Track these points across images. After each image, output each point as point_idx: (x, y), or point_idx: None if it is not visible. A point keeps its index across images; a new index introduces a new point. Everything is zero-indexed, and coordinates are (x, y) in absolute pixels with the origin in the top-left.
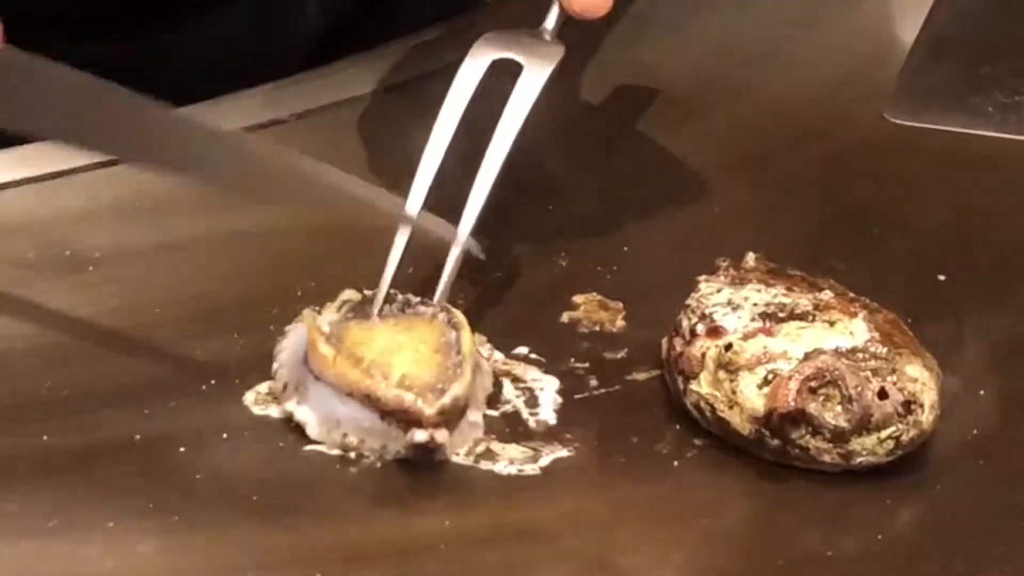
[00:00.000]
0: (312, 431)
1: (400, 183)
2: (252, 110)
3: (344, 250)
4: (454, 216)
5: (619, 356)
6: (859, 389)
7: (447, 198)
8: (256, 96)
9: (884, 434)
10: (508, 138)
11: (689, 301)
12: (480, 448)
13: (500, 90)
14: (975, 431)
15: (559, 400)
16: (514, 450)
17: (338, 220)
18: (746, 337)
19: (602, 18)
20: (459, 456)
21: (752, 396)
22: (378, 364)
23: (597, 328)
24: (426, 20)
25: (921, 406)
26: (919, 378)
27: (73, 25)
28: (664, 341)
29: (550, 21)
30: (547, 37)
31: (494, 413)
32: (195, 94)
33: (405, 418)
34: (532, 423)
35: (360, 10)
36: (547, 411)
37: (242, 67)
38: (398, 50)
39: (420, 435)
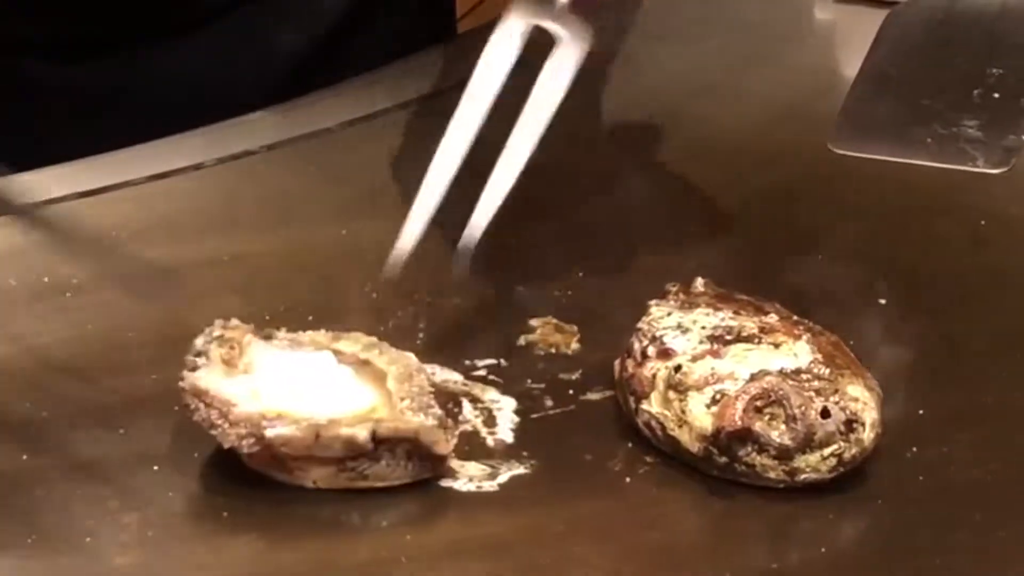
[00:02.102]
0: None
1: (363, 213)
2: (224, 141)
3: (311, 275)
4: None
5: (574, 377)
6: (803, 408)
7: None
8: (228, 128)
9: (827, 452)
10: (541, 122)
11: (640, 324)
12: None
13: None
14: (914, 449)
15: (516, 419)
16: (473, 467)
17: (304, 247)
18: (695, 359)
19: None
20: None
21: (701, 415)
22: None
23: (553, 350)
24: (392, 55)
25: (862, 425)
26: (860, 398)
27: (47, 52)
28: (617, 363)
29: None
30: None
31: (456, 436)
32: (167, 125)
33: None
34: (490, 442)
35: (329, 44)
36: (505, 430)
37: (214, 99)
38: (365, 84)
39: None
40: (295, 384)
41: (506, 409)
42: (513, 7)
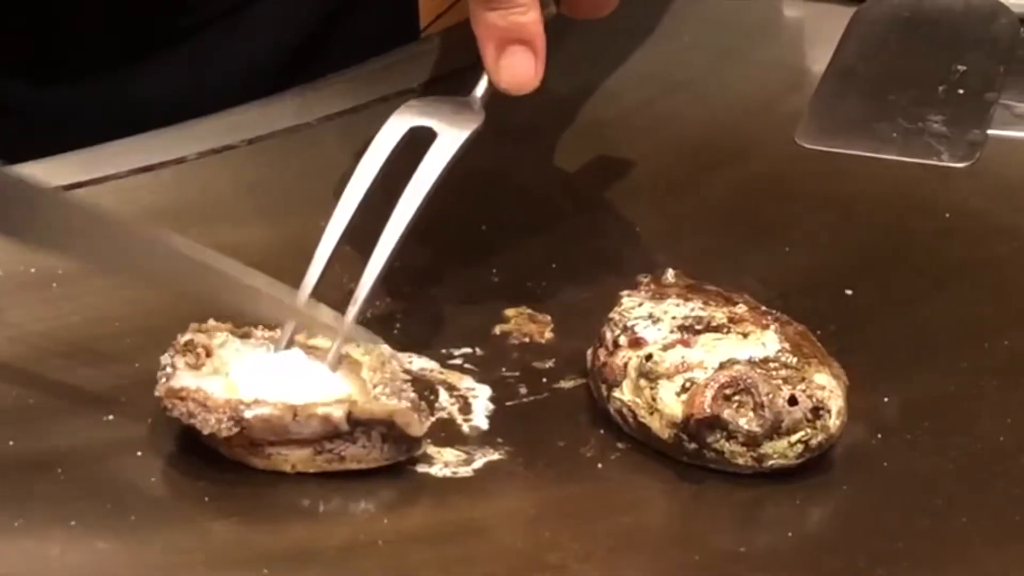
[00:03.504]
0: None
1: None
2: (206, 136)
3: (291, 266)
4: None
5: (547, 366)
6: (771, 396)
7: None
8: (210, 123)
9: (794, 438)
10: (412, 206)
11: (612, 314)
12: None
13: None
14: (879, 435)
15: (491, 407)
16: (449, 453)
17: (285, 239)
18: (665, 348)
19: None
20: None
21: (671, 403)
22: None
23: (527, 340)
24: (366, 53)
25: (828, 412)
26: (827, 386)
27: (17, 72)
28: (589, 352)
29: (479, 89)
30: (472, 105)
31: (431, 419)
32: (145, 127)
33: None
34: (466, 428)
35: (297, 53)
36: (480, 417)
37: (189, 102)
38: (344, 80)
39: None
40: (270, 378)
41: (481, 397)
42: (398, 111)
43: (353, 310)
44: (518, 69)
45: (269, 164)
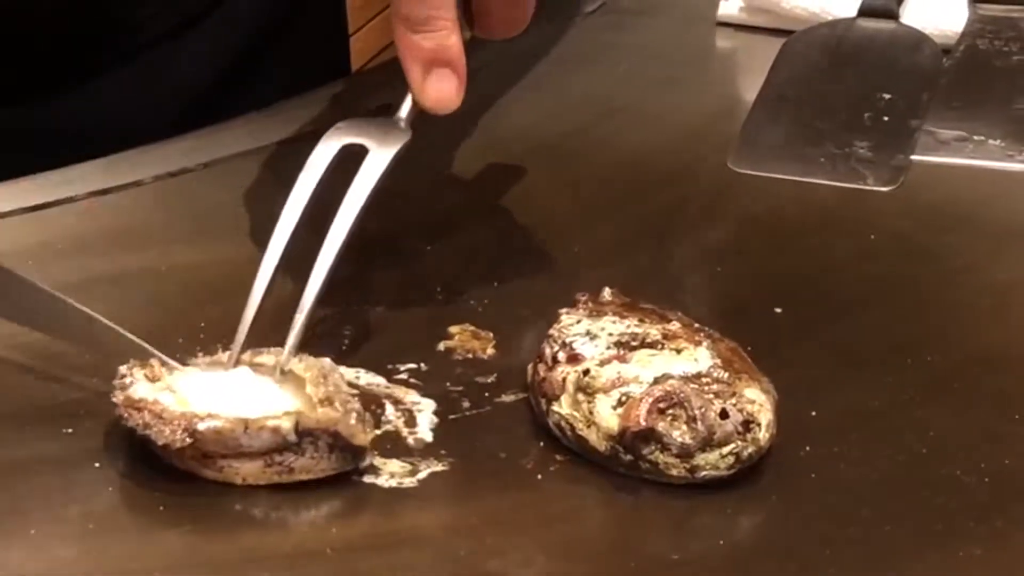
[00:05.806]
0: None
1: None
2: (162, 160)
3: (243, 285)
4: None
5: (489, 380)
6: (703, 410)
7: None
8: (165, 147)
9: (725, 450)
10: (349, 218)
11: (552, 331)
12: (364, 463)
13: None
14: (807, 448)
15: (435, 420)
16: (394, 465)
17: (238, 259)
18: (602, 363)
19: (451, 113)
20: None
21: (607, 416)
22: None
23: (470, 355)
24: (292, 88)
25: (759, 425)
26: (757, 400)
27: None
28: (529, 367)
29: (403, 110)
30: (399, 124)
31: (377, 431)
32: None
33: None
34: (411, 441)
35: (231, 79)
36: (424, 430)
37: (122, 136)
38: (295, 107)
39: None
40: (220, 395)
41: (426, 410)
42: (329, 131)
43: (301, 317)
44: (442, 90)
45: (224, 187)
